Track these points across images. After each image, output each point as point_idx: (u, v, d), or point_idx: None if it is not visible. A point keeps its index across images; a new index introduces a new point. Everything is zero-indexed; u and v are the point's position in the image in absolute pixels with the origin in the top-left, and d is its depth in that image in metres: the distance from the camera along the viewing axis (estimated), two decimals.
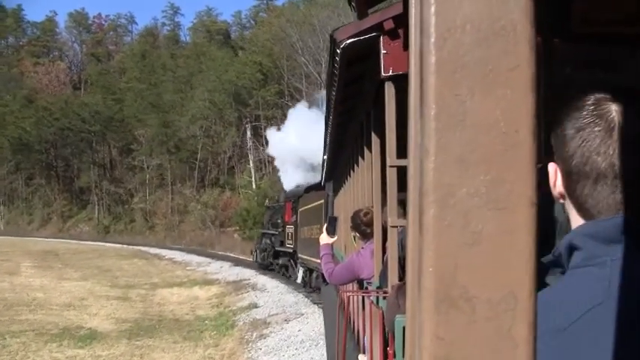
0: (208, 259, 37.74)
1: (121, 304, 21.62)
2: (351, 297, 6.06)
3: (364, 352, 5.65)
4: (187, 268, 34.06)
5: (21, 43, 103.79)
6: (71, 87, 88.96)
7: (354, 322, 6.75)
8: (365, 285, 5.51)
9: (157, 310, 20.77)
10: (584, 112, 1.04)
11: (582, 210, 1.07)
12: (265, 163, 57.64)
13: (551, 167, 1.10)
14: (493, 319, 0.52)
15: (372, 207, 5.33)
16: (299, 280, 23.86)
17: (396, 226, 4.32)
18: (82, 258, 39.52)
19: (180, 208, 66.16)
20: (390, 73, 4.10)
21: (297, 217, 24.41)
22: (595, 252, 1.02)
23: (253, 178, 60.48)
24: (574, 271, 1.05)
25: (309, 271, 22.58)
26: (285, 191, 32.67)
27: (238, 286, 25.19)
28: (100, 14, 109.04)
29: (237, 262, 33.70)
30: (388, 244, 4.48)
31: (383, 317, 3.85)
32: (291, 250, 25.58)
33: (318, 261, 20.86)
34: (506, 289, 0.52)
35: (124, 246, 53.37)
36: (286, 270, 27.50)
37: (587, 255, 1.02)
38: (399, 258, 4.18)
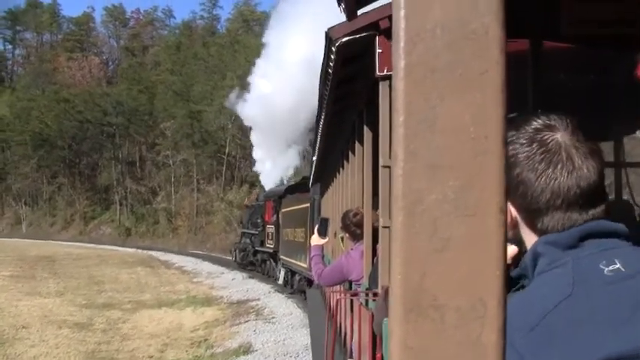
0: (222, 269, 32.74)
1: (72, 336, 17.01)
2: (339, 300, 6.05)
3: (351, 357, 5.64)
4: (194, 280, 29.71)
5: (56, 39, 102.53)
6: (105, 82, 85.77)
7: (341, 325, 6.74)
8: (354, 287, 5.49)
9: (113, 349, 15.89)
10: (536, 150, 1.16)
11: (539, 231, 1.18)
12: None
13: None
14: (462, 327, 0.51)
15: (362, 208, 5.33)
16: (280, 281, 23.92)
17: (388, 227, 4.31)
18: (79, 266, 36.06)
19: (206, 208, 59.57)
20: (385, 73, 4.09)
21: (278, 218, 24.29)
22: (556, 256, 1.13)
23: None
24: (540, 276, 1.15)
25: (290, 272, 22.56)
26: (265, 190, 32.60)
27: (241, 310, 20.24)
28: (138, 9, 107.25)
29: (254, 274, 28.47)
30: (379, 245, 4.47)
31: (372, 320, 3.85)
32: (272, 251, 25.50)
33: (302, 264, 20.73)
34: (475, 296, 0.51)
35: (139, 251, 49.51)
36: (264, 265, 27.46)
37: (550, 260, 1.13)
38: None
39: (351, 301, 5.77)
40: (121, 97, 71.97)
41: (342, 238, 5.60)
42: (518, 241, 1.24)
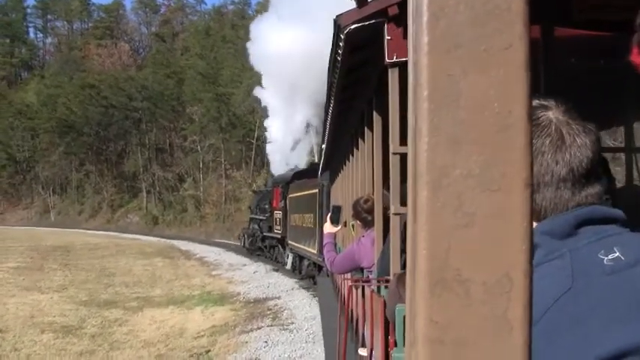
0: (246, 260, 30.18)
1: (52, 344, 14.97)
2: (351, 287, 6.06)
3: (364, 345, 5.65)
4: (213, 272, 27.03)
5: (87, 27, 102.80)
6: (135, 69, 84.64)
7: (352, 313, 6.76)
8: (366, 274, 5.51)
9: None
10: None
11: (536, 214, 1.15)
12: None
13: None
14: (488, 302, 0.51)
15: (372, 194, 5.33)
16: (288, 267, 23.99)
17: (399, 214, 4.30)
18: (94, 256, 34.37)
19: (235, 195, 57.42)
20: (395, 59, 4.07)
21: (285, 203, 24.37)
22: (553, 247, 1.10)
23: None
24: (537, 269, 1.13)
25: (299, 258, 22.64)
26: (274, 176, 32.70)
27: (256, 311, 17.53)
28: None
29: (279, 267, 25.91)
30: (390, 230, 4.46)
31: (385, 306, 3.86)
32: (279, 236, 25.59)
33: (310, 249, 20.85)
34: (501, 271, 0.51)
35: (162, 240, 47.33)
36: (272, 250, 27.54)
37: (547, 251, 1.10)
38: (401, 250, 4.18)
39: (363, 288, 5.78)
40: (146, 82, 70.90)
41: (353, 226, 5.61)
42: None
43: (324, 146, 12.50)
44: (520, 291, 0.51)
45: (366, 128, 6.34)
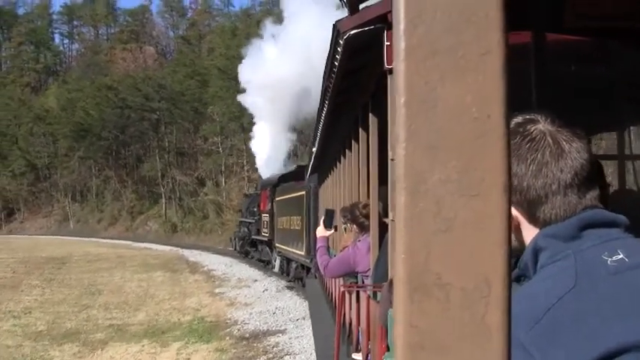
0: (258, 274, 26.30)
1: None
2: (344, 292, 6.06)
3: (357, 350, 5.64)
4: (216, 290, 23.11)
5: (112, 32, 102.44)
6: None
7: (345, 318, 6.74)
8: (361, 278, 5.51)
9: None
10: (520, 141, 1.17)
11: (541, 223, 1.18)
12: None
13: None
14: (467, 307, 0.52)
15: (368, 198, 5.35)
16: (276, 269, 23.89)
17: None
18: (88, 270, 31.34)
19: None
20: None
21: (272, 206, 24.31)
22: (558, 249, 1.12)
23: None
24: (542, 270, 1.14)
25: (286, 260, 22.58)
26: (262, 179, 32.80)
27: (249, 354, 13.29)
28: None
29: (296, 286, 21.34)
30: (389, 237, 4.46)
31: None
32: (267, 239, 25.53)
33: (298, 252, 20.61)
34: (480, 276, 0.51)
35: (174, 249, 43.94)
36: (261, 253, 27.45)
37: (552, 253, 1.13)
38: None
39: (357, 292, 5.78)
40: (164, 81, 68.18)
41: (345, 229, 5.62)
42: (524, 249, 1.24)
43: (314, 149, 12.48)
44: (498, 296, 0.51)
45: (360, 132, 6.34)
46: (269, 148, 38.00)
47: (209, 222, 56.84)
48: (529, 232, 1.19)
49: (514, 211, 1.18)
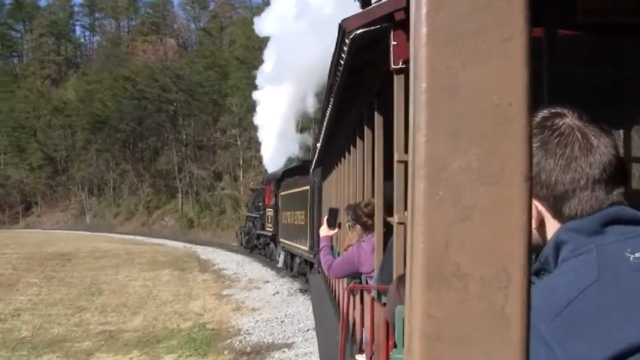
0: (270, 275, 24.39)
1: None
2: (349, 293, 6.03)
3: (361, 351, 5.62)
4: (224, 292, 21.49)
5: (134, 24, 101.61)
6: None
7: (348, 317, 6.74)
8: (365, 279, 5.47)
9: None
10: (549, 136, 1.16)
11: (565, 218, 1.17)
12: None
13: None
14: (486, 297, 0.51)
15: (372, 197, 5.31)
16: (280, 265, 23.76)
17: (403, 223, 4.24)
18: (93, 267, 29.75)
19: None
20: (400, 65, 4.04)
21: (276, 201, 24.24)
22: (580, 243, 1.11)
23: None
24: (564, 263, 1.13)
25: (290, 255, 22.50)
26: (267, 173, 32.78)
27: None
28: None
29: (306, 288, 19.28)
30: (394, 240, 4.41)
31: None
32: (271, 234, 25.49)
33: (302, 247, 20.51)
34: (499, 266, 0.50)
35: (187, 246, 42.29)
36: (266, 248, 27.37)
37: (574, 247, 1.12)
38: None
39: (362, 293, 5.75)
40: (181, 71, 66.24)
41: (349, 227, 5.58)
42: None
43: (318, 145, 12.47)
44: (518, 286, 0.50)
45: (365, 130, 6.32)
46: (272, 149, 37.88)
47: (226, 217, 55.11)
48: (552, 228, 1.18)
49: (539, 206, 1.18)
